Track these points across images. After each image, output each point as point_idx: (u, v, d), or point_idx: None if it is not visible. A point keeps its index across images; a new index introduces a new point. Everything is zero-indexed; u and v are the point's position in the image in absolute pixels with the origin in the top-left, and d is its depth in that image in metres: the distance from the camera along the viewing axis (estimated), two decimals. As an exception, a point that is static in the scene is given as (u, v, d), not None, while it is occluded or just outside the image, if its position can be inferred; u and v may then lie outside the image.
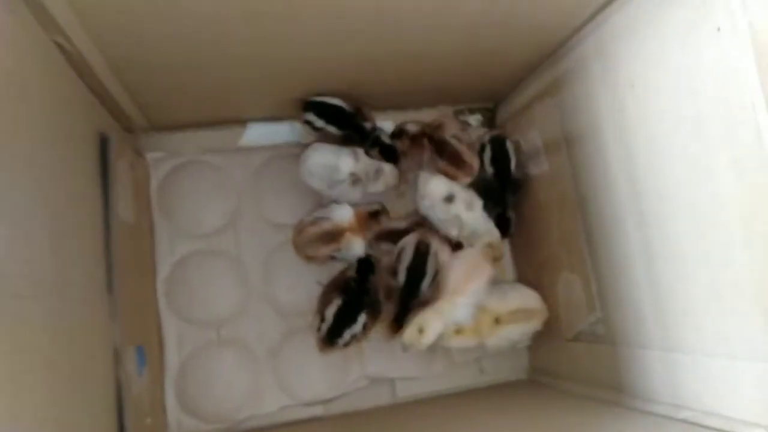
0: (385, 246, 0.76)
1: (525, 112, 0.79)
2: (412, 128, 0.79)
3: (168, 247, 0.76)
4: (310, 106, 0.75)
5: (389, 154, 0.76)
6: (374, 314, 0.73)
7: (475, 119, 0.87)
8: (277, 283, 0.78)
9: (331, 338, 0.72)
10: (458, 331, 0.72)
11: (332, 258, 0.76)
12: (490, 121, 0.87)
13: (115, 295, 0.58)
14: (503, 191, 0.79)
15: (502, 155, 0.79)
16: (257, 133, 0.81)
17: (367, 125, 0.76)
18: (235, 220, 0.79)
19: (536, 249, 0.79)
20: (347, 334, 0.72)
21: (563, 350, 0.75)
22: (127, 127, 0.74)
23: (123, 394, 0.57)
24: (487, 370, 0.82)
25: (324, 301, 0.73)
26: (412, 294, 0.71)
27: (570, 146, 0.69)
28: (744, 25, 0.44)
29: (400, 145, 0.78)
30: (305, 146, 0.77)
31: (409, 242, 0.73)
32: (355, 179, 0.76)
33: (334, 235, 0.74)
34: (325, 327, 0.72)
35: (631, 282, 0.61)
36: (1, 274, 0.36)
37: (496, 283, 0.77)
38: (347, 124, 0.75)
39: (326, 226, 0.74)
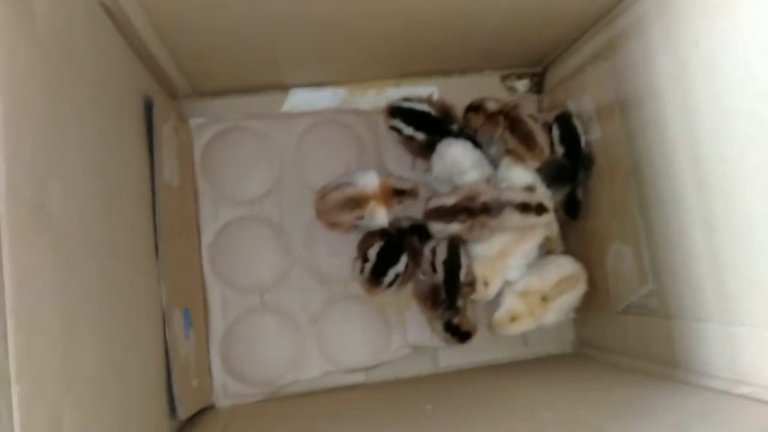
0: (435, 225, 0.72)
1: (576, 77, 0.76)
2: (492, 105, 0.75)
3: (212, 212, 0.77)
4: (397, 112, 0.74)
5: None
6: (415, 258, 0.72)
7: (522, 84, 0.84)
8: (318, 251, 0.78)
9: (376, 277, 0.71)
10: (513, 318, 0.71)
11: (355, 227, 0.74)
12: (538, 86, 0.84)
13: (161, 257, 0.59)
14: (575, 170, 0.75)
15: (571, 132, 0.74)
16: (300, 99, 0.81)
17: (454, 128, 0.75)
18: (277, 187, 0.78)
19: (585, 219, 0.76)
20: (391, 273, 0.71)
21: (612, 323, 0.73)
22: (170, 92, 0.74)
23: (171, 355, 0.58)
24: (532, 342, 0.81)
25: (364, 246, 0.73)
26: (454, 284, 0.71)
27: (625, 111, 0.66)
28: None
29: (474, 119, 0.75)
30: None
31: (441, 240, 0.73)
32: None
33: (357, 202, 0.72)
34: (369, 266, 0.71)
35: (688, 252, 0.58)
36: (57, 228, 0.36)
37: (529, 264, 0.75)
38: (436, 130, 0.75)
39: (350, 191, 0.72)
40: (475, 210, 0.69)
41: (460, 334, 0.74)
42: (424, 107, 0.75)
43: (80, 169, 0.42)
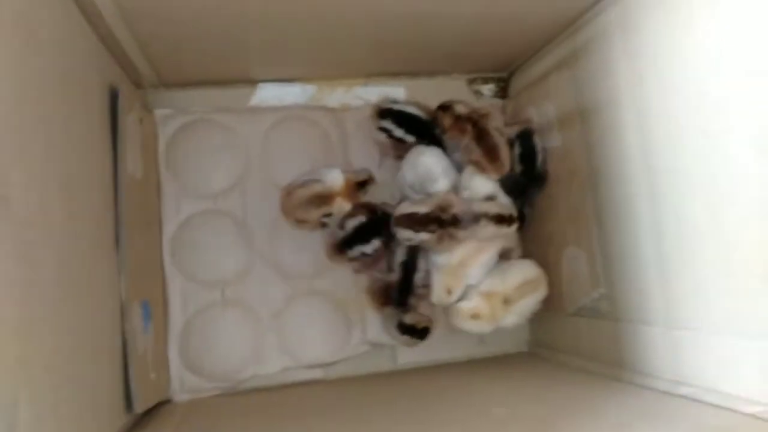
0: (403, 232, 0.72)
1: (540, 84, 0.78)
2: (461, 108, 0.77)
3: (175, 205, 0.76)
4: (387, 113, 0.76)
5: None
6: (386, 245, 0.74)
7: (488, 89, 0.86)
8: (282, 246, 0.78)
9: (343, 247, 0.73)
10: (474, 316, 0.72)
11: (322, 225, 0.75)
12: (503, 92, 0.86)
13: (122, 249, 0.58)
14: (528, 188, 0.77)
15: (530, 151, 0.76)
16: (268, 94, 0.81)
17: (439, 132, 0.77)
18: (242, 181, 0.78)
19: (543, 223, 0.79)
20: (357, 250, 0.73)
21: (565, 325, 0.75)
22: (136, 81, 0.73)
23: (128, 348, 0.58)
24: (488, 341, 0.83)
25: (347, 214, 0.74)
26: (407, 287, 0.74)
27: (584, 120, 0.69)
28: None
29: (444, 119, 0.77)
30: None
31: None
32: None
33: (324, 199, 0.73)
34: (340, 234, 0.73)
35: (638, 258, 0.61)
36: (16, 218, 0.36)
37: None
38: (424, 133, 0.76)
39: (317, 188, 0.73)
40: (445, 221, 0.71)
41: (418, 332, 0.75)
42: (414, 110, 0.76)
43: (42, 160, 0.41)
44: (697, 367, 0.54)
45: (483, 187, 0.75)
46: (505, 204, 0.74)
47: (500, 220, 0.72)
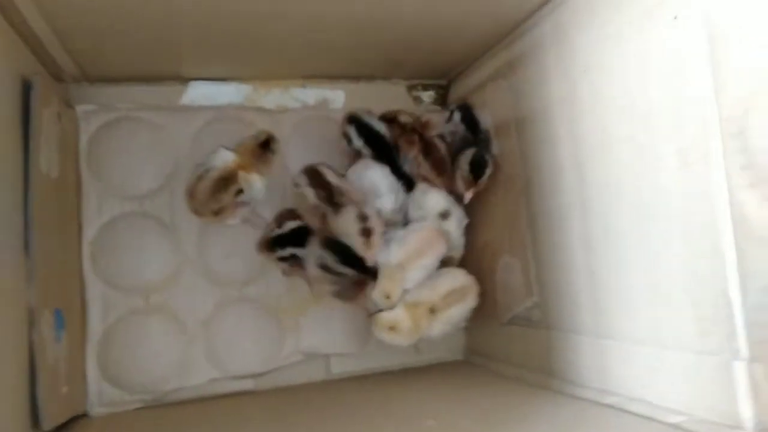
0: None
1: (478, 92, 0.78)
2: (404, 118, 0.77)
3: (96, 207, 0.72)
4: (353, 120, 0.75)
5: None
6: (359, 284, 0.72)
7: (428, 95, 0.85)
8: (211, 251, 0.75)
9: (274, 244, 0.72)
10: (392, 328, 0.71)
11: (241, 205, 0.72)
12: (442, 98, 0.86)
13: (32, 254, 0.54)
14: (476, 141, 0.75)
15: (471, 117, 0.76)
16: (200, 93, 0.77)
17: (397, 160, 0.76)
18: (170, 183, 0.75)
19: (479, 232, 0.79)
20: (289, 251, 0.72)
21: (498, 333, 0.75)
22: (56, 74, 0.69)
23: (36, 359, 0.53)
24: (423, 350, 0.82)
25: (289, 216, 0.73)
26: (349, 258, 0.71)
27: (520, 130, 0.69)
28: (700, 14, 0.43)
29: (390, 131, 0.76)
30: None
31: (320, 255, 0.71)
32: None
33: (226, 180, 0.70)
34: (277, 232, 0.72)
35: (569, 268, 0.61)
36: None
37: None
38: (382, 153, 0.75)
39: (214, 174, 0.69)
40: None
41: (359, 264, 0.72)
42: (380, 128, 0.75)
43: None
44: (622, 376, 0.55)
45: (437, 204, 0.75)
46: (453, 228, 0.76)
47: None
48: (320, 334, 0.78)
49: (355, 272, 0.70)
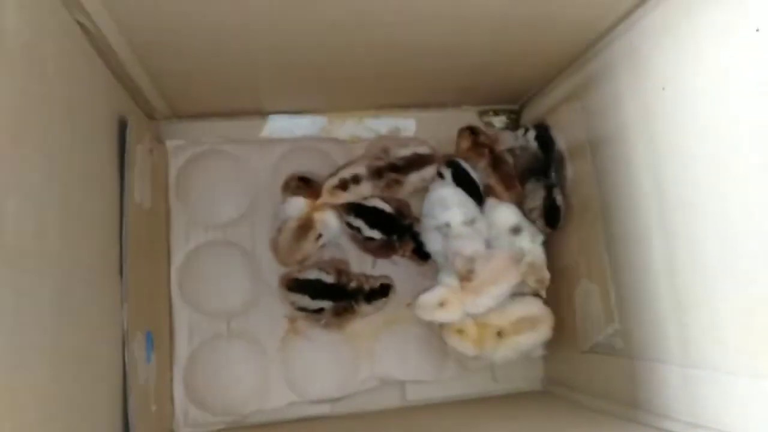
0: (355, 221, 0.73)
1: (550, 115, 0.77)
2: (483, 138, 0.78)
3: (183, 235, 0.76)
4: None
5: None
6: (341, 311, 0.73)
7: (499, 121, 0.85)
8: (289, 278, 0.77)
9: (293, 285, 0.72)
10: (459, 331, 0.70)
11: (323, 246, 0.74)
12: (514, 123, 0.85)
13: (126, 278, 0.58)
14: (547, 163, 0.74)
15: (546, 135, 0.75)
16: (279, 125, 0.81)
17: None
18: (251, 212, 0.78)
19: (555, 257, 0.77)
20: (319, 305, 0.72)
21: (578, 362, 0.73)
22: (148, 113, 0.74)
23: (129, 378, 0.57)
24: (500, 379, 0.80)
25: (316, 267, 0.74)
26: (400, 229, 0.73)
27: (595, 151, 0.67)
28: (784, 25, 0.42)
29: (460, 142, 0.78)
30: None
31: (344, 220, 0.74)
32: (445, 231, 0.73)
33: (304, 227, 0.72)
34: (299, 275, 0.72)
35: (652, 294, 0.59)
36: (8, 247, 0.36)
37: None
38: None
39: (292, 224, 0.72)
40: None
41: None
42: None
43: (40, 188, 0.42)
44: (714, 408, 0.51)
45: (507, 219, 0.74)
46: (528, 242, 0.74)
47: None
48: (395, 360, 0.78)
49: (331, 303, 0.71)
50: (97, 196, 0.54)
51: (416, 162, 0.75)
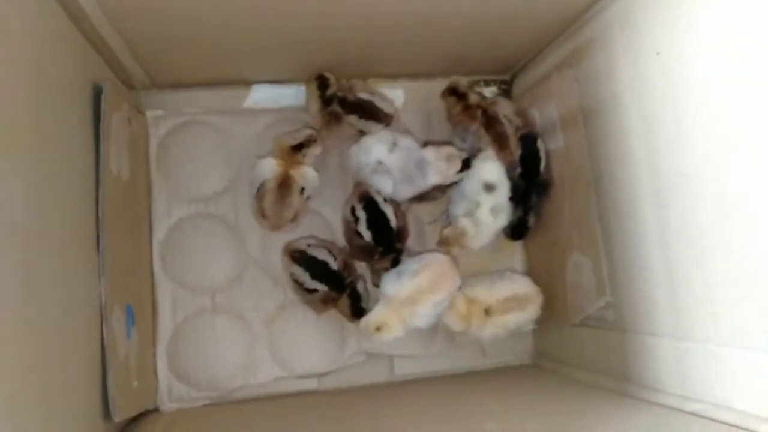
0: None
1: (542, 84, 0.75)
2: (473, 98, 0.76)
3: (165, 208, 0.74)
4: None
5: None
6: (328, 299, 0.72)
7: (490, 91, 0.83)
8: (275, 251, 0.75)
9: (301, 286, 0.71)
10: (449, 304, 0.69)
11: (309, 198, 0.72)
12: (506, 93, 0.83)
13: (103, 252, 0.56)
14: (528, 192, 0.75)
15: (533, 154, 0.74)
16: (262, 95, 0.79)
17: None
18: (235, 185, 0.76)
19: (546, 229, 0.76)
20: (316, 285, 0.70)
21: (569, 335, 0.72)
22: (126, 82, 0.71)
23: (107, 354, 0.55)
24: (489, 353, 0.79)
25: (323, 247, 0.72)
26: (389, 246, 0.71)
27: (587, 120, 0.66)
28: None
29: (453, 104, 0.75)
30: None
31: (352, 203, 0.72)
32: (382, 169, 0.71)
33: (285, 184, 0.69)
34: (299, 272, 0.70)
35: (644, 266, 0.57)
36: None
37: (485, 273, 0.75)
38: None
39: (270, 186, 0.69)
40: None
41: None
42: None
43: (5, 156, 0.39)
44: (707, 381, 0.51)
45: (488, 173, 0.73)
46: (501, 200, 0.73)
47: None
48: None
49: (327, 288, 0.70)
50: (69, 166, 0.52)
51: (367, 109, 0.73)
